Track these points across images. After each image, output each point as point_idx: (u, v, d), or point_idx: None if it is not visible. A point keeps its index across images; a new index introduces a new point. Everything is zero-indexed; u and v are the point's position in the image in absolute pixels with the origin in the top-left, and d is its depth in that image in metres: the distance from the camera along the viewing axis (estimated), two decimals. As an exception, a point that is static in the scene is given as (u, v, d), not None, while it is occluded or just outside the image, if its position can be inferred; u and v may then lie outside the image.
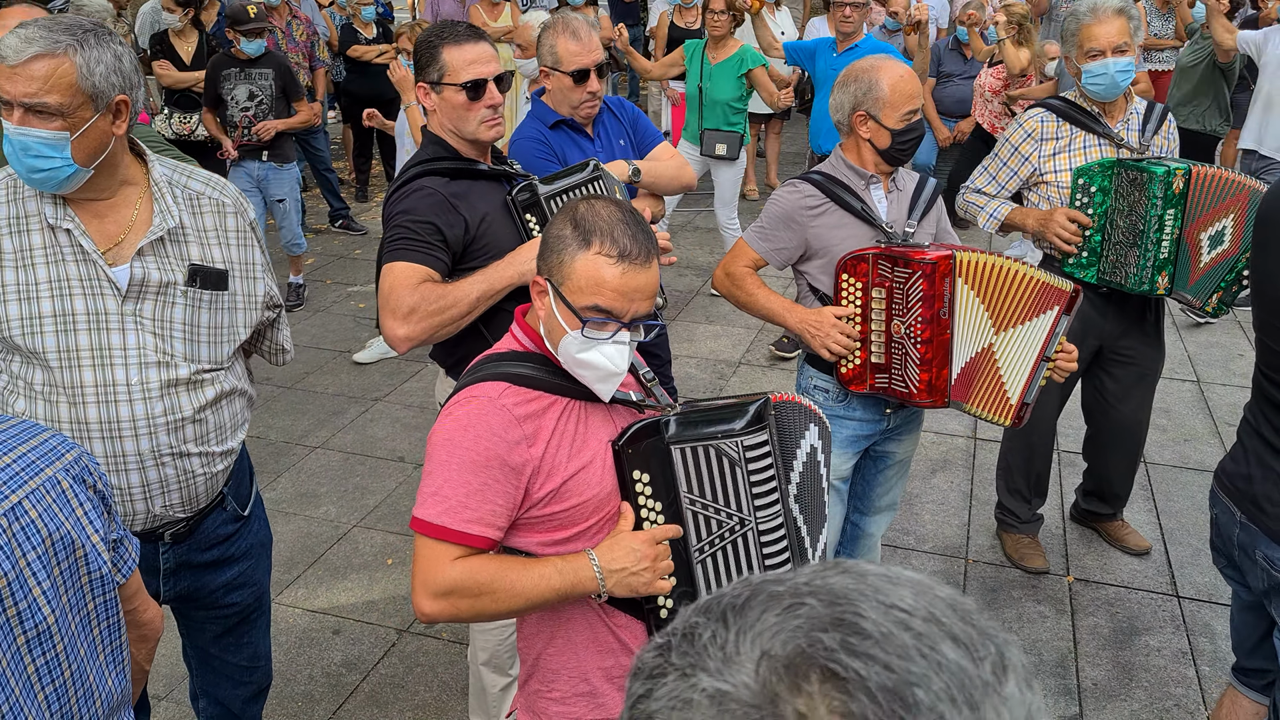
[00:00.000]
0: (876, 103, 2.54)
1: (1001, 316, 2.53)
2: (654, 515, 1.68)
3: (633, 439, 1.67)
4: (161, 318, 1.90)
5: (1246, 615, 2.16)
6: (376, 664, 3.16)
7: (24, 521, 1.31)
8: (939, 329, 2.48)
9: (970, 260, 2.48)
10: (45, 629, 1.33)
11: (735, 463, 1.64)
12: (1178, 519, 3.85)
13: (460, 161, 2.40)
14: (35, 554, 1.32)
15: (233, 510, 2.16)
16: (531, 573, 1.60)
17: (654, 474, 1.67)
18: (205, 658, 2.32)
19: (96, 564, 1.43)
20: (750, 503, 1.65)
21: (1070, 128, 3.18)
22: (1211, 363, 5.20)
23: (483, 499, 1.57)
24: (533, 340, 1.72)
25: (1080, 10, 3.10)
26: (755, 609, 0.57)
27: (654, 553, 1.65)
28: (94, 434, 1.87)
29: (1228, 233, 2.99)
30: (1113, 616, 3.33)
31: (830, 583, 0.58)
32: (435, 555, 1.58)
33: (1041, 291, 2.53)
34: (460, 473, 1.57)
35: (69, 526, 1.38)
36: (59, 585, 1.36)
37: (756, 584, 0.61)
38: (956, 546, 3.72)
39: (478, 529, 1.58)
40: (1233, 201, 2.95)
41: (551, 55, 2.84)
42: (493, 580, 1.58)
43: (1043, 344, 2.56)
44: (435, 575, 1.57)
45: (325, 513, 3.98)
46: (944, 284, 2.45)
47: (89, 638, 1.44)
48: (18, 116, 1.73)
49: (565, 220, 1.61)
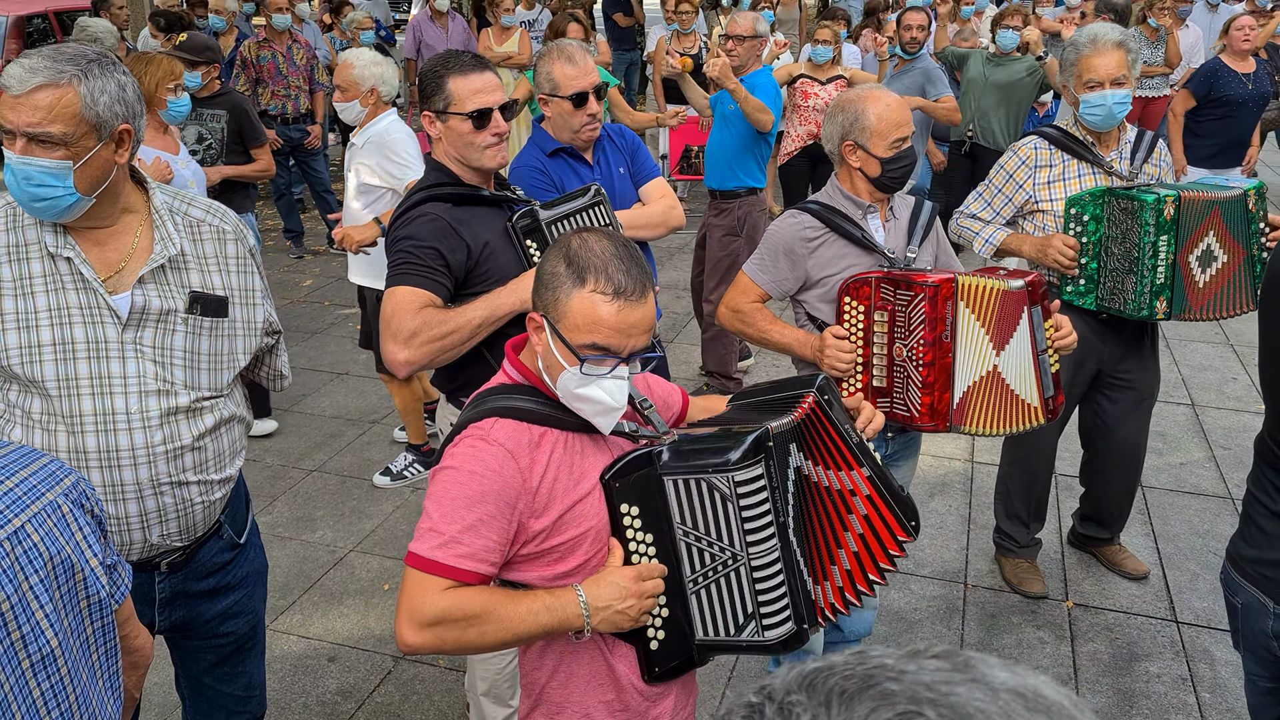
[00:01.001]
0: (864, 132, 2.56)
1: (998, 336, 2.53)
2: (644, 548, 1.66)
3: (620, 472, 1.65)
4: (161, 345, 1.90)
5: (1265, 699, 2.04)
6: (372, 692, 3.14)
7: (26, 545, 1.31)
8: (941, 352, 2.48)
9: (971, 284, 2.49)
10: (49, 653, 1.33)
11: (726, 497, 1.59)
12: (1175, 543, 3.85)
13: (463, 188, 2.41)
14: (38, 577, 1.32)
15: (229, 538, 2.14)
16: (519, 607, 1.59)
17: (644, 506, 1.65)
18: (199, 688, 2.29)
19: (95, 588, 1.42)
20: (742, 538, 1.60)
21: (1063, 156, 3.20)
22: (1206, 386, 5.21)
23: (476, 535, 1.57)
24: (525, 377, 1.71)
25: (1080, 41, 3.13)
26: (864, 706, 0.51)
27: (640, 589, 1.63)
28: (92, 463, 1.85)
29: (1215, 248, 3.00)
30: (1112, 642, 3.32)
31: (955, 695, 0.51)
32: (424, 586, 1.57)
33: (1004, 299, 2.50)
34: (455, 509, 1.57)
35: (69, 550, 1.38)
36: (60, 609, 1.36)
37: (871, 668, 0.54)
38: (955, 571, 3.71)
39: (469, 564, 1.57)
40: (1209, 220, 2.97)
41: (549, 81, 2.86)
42: (480, 613, 1.57)
43: (1030, 344, 2.53)
44: (422, 605, 1.56)
45: (322, 537, 3.96)
46: (946, 307, 2.46)
47: (89, 662, 1.44)
48: (20, 146, 1.73)
49: (558, 256, 1.60)
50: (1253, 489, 1.97)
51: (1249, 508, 1.98)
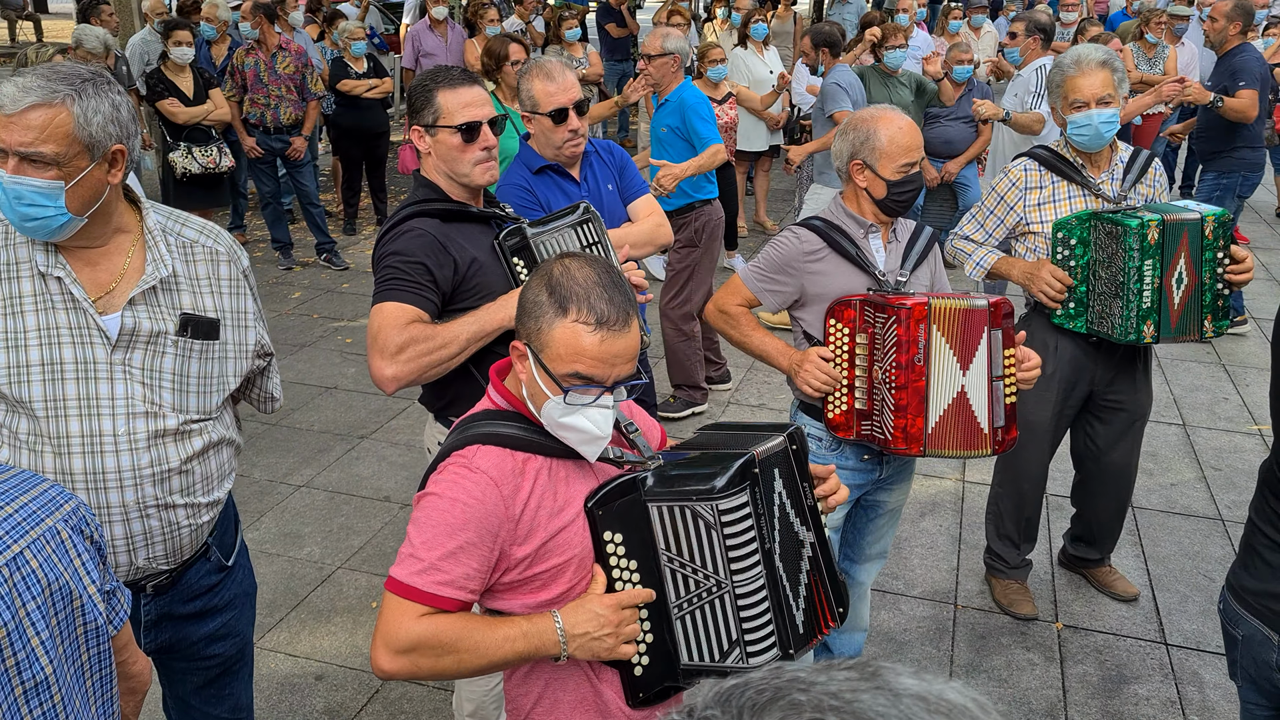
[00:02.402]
0: (873, 152, 2.55)
1: (963, 355, 2.50)
2: (628, 575, 1.65)
3: (604, 499, 1.64)
4: (151, 367, 1.88)
5: None
6: (359, 711, 3.11)
7: (25, 571, 1.31)
8: (913, 375, 2.47)
9: (944, 306, 2.46)
10: (43, 679, 1.32)
11: (711, 525, 1.58)
12: (1165, 565, 3.86)
13: (452, 204, 2.41)
14: (35, 604, 1.31)
15: (217, 560, 2.13)
16: (496, 633, 1.58)
17: (628, 533, 1.64)
18: (185, 709, 2.28)
19: (93, 615, 1.42)
20: (726, 566, 1.59)
21: (1053, 178, 3.21)
22: (1197, 406, 5.23)
23: (456, 562, 1.56)
24: (509, 403, 1.71)
25: (1065, 62, 3.15)
26: (772, 716, 0.54)
27: (619, 618, 1.62)
28: (79, 485, 1.84)
29: (1183, 269, 3.00)
30: (1101, 664, 3.32)
31: (859, 702, 0.54)
32: (400, 612, 1.56)
33: (965, 317, 2.49)
34: (436, 535, 1.56)
35: (68, 577, 1.37)
36: (56, 636, 1.35)
37: (784, 682, 0.57)
38: (945, 591, 3.70)
39: (448, 591, 1.56)
40: (1183, 241, 2.98)
41: (530, 99, 2.87)
42: (456, 640, 1.56)
43: (986, 366, 2.51)
44: (398, 631, 1.55)
45: (309, 554, 3.93)
46: (918, 330, 2.45)
47: (83, 689, 1.43)
48: (12, 165, 1.72)
49: (540, 285, 1.59)
50: (1255, 519, 1.94)
51: (1251, 538, 1.95)
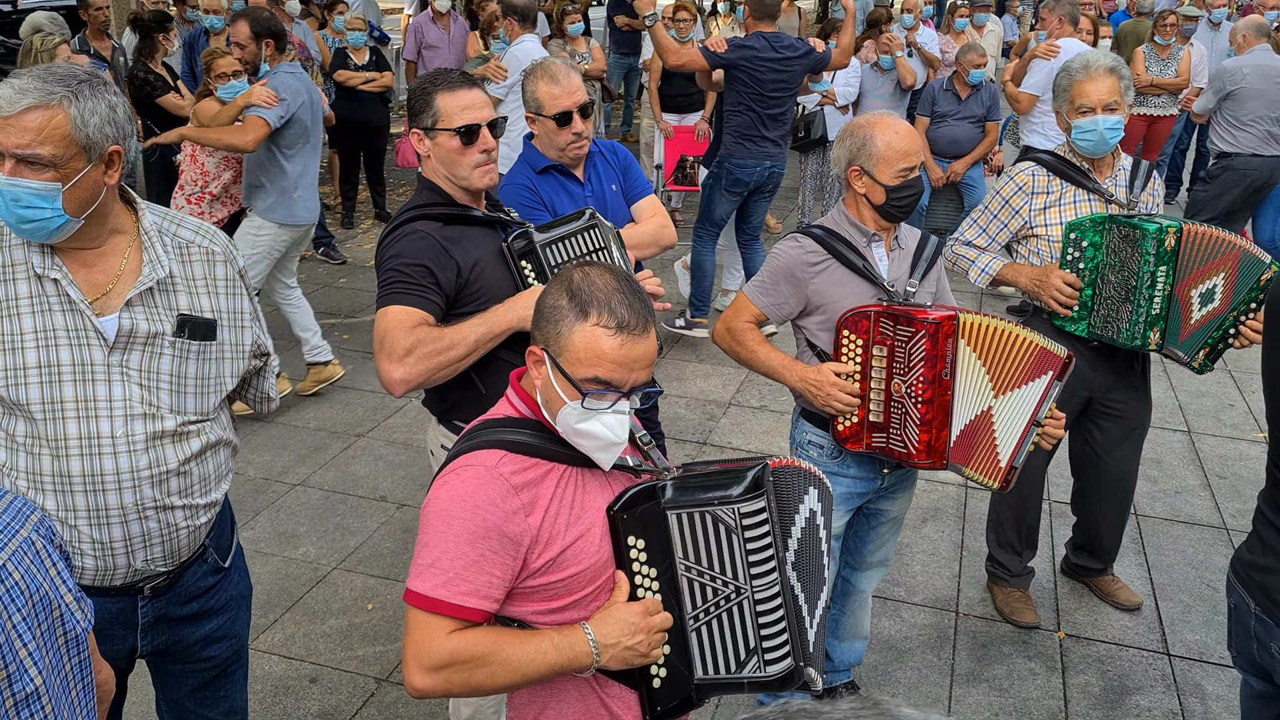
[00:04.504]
0: (871, 158, 2.52)
1: (1001, 379, 2.51)
2: (649, 582, 1.66)
3: (628, 504, 1.65)
4: (148, 369, 1.88)
5: (1256, 703, 2.12)
6: (354, 715, 3.08)
7: (9, 584, 1.30)
8: (940, 389, 2.45)
9: (973, 322, 2.47)
10: (33, 691, 1.31)
11: (732, 530, 1.61)
12: (1168, 574, 3.83)
13: (455, 207, 2.40)
14: (20, 615, 1.31)
15: (213, 562, 2.12)
16: (527, 647, 1.57)
17: (649, 540, 1.65)
18: (180, 712, 2.27)
19: (71, 623, 1.41)
20: (746, 571, 1.62)
21: (1060, 182, 3.19)
22: (1203, 413, 5.20)
23: (479, 570, 1.54)
24: (529, 406, 1.69)
25: (1073, 67, 3.13)
26: None
27: (648, 624, 1.63)
28: (76, 487, 1.83)
29: (1218, 291, 2.99)
30: (1103, 675, 3.30)
31: None
32: (430, 628, 1.54)
33: (1039, 356, 2.52)
34: (457, 544, 1.54)
35: (47, 587, 1.37)
36: (42, 646, 1.34)
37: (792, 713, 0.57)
38: (947, 599, 3.68)
39: (474, 601, 1.54)
40: (1222, 260, 2.96)
41: (534, 101, 2.86)
42: (488, 655, 1.55)
43: (1034, 408, 2.56)
44: (430, 649, 1.54)
45: (304, 554, 3.90)
46: (947, 344, 2.43)
47: (68, 698, 1.42)
48: (9, 167, 1.71)
49: (561, 290, 1.58)
50: (1262, 505, 2.05)
51: (1257, 521, 2.06)
